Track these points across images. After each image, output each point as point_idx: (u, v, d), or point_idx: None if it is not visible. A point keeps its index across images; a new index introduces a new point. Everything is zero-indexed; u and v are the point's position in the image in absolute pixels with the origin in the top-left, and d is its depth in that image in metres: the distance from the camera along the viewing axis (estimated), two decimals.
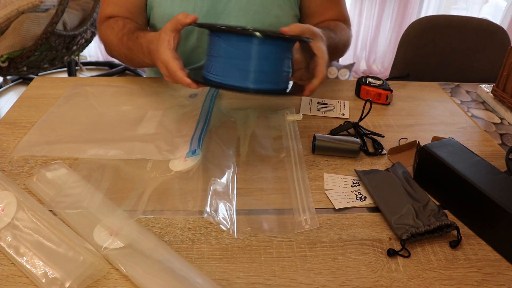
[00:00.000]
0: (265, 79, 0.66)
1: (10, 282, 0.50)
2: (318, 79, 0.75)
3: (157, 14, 0.94)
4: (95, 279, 0.50)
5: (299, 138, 0.79)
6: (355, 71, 2.96)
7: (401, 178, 0.68)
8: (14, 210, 0.56)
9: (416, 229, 0.57)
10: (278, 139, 0.79)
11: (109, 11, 0.95)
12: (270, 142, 0.78)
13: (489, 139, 0.85)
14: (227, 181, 0.67)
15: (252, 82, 0.65)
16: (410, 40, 1.37)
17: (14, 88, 2.58)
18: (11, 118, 0.81)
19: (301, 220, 0.61)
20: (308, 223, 0.60)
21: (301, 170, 0.71)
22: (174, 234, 0.58)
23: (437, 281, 0.53)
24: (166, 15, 0.92)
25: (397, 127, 0.87)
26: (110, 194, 0.63)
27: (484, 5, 2.85)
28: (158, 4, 0.93)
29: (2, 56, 1.70)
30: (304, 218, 0.61)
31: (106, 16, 0.95)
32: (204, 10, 0.91)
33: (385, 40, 2.89)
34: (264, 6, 0.93)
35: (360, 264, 0.55)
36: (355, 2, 2.77)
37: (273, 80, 0.68)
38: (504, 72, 0.97)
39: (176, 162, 0.70)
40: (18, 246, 0.52)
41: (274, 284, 0.52)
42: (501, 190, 0.58)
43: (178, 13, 0.73)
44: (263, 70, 0.66)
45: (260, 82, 0.66)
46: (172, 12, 0.91)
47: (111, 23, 0.92)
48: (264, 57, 0.65)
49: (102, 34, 0.95)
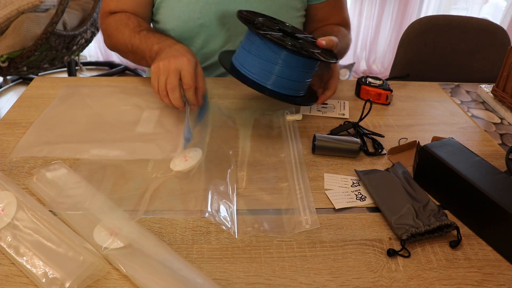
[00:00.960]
0: (284, 85, 0.73)
1: (10, 282, 0.50)
2: (330, 91, 0.83)
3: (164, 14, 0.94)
4: (95, 279, 0.50)
5: (299, 138, 0.79)
6: (355, 71, 2.96)
7: (401, 178, 0.68)
8: (14, 210, 0.56)
9: (416, 229, 0.57)
10: (278, 139, 0.79)
11: (113, 6, 0.96)
12: (270, 142, 0.78)
13: (489, 139, 0.85)
14: (227, 181, 0.67)
15: (271, 84, 0.73)
16: (410, 40, 1.37)
17: (14, 88, 2.58)
18: (11, 118, 0.81)
19: (301, 220, 0.61)
20: (309, 223, 0.60)
21: (301, 170, 0.71)
22: (174, 234, 0.58)
23: (437, 281, 0.53)
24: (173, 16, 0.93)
25: (397, 127, 0.87)
26: (111, 195, 0.63)
27: (484, 5, 2.84)
28: (166, 5, 0.93)
29: (2, 56, 1.70)
30: (304, 218, 0.61)
31: (110, 11, 0.96)
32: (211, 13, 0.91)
33: (385, 40, 2.89)
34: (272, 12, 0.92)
35: (360, 264, 0.55)
36: (355, 2, 2.77)
37: (291, 88, 0.75)
38: (504, 72, 0.97)
39: (177, 161, 0.70)
40: (18, 246, 0.52)
41: (274, 284, 0.52)
42: (501, 190, 0.58)
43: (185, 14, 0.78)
44: (285, 77, 0.73)
45: (278, 87, 0.73)
46: (180, 14, 0.92)
47: (123, 18, 0.92)
48: (290, 66, 0.72)
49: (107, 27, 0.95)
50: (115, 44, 0.95)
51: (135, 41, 0.88)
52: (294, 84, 0.74)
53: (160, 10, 0.95)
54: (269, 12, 0.93)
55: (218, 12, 0.91)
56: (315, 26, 1.05)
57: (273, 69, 0.72)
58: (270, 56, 0.71)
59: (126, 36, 0.89)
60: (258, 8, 0.92)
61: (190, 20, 0.92)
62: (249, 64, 0.73)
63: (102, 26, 0.99)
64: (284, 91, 0.74)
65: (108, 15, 0.96)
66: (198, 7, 0.91)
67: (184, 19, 0.92)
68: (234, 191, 0.65)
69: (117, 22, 0.93)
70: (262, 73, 0.72)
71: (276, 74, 0.72)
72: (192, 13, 0.91)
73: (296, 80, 0.74)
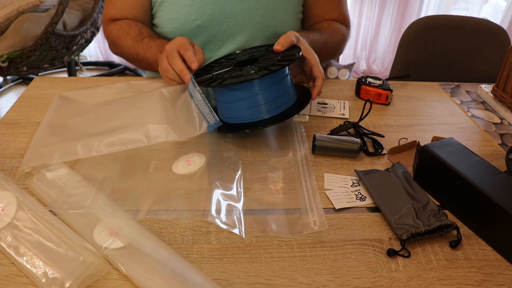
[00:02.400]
0: (275, 105, 0.73)
1: (10, 282, 0.50)
2: (319, 79, 0.79)
3: (162, 17, 0.96)
4: (95, 279, 0.50)
5: (306, 140, 0.78)
6: (355, 71, 2.96)
7: (401, 178, 0.68)
8: (14, 210, 0.56)
9: (416, 229, 0.57)
10: (285, 140, 0.79)
11: (114, 13, 0.98)
12: (276, 143, 0.78)
13: (489, 139, 0.85)
14: (233, 182, 0.67)
15: (266, 113, 0.73)
16: (410, 40, 1.37)
17: (14, 88, 2.58)
18: (11, 118, 0.81)
19: (309, 221, 0.61)
20: (317, 224, 0.60)
21: (308, 171, 0.71)
22: (174, 234, 0.58)
23: (437, 281, 0.53)
24: (171, 18, 0.94)
25: (397, 127, 0.87)
26: (112, 194, 0.63)
27: (484, 5, 2.84)
28: (163, 8, 0.94)
29: (2, 56, 1.70)
30: (313, 219, 0.61)
31: (112, 18, 0.98)
32: (208, 13, 0.91)
33: (385, 40, 2.89)
34: (270, 10, 0.93)
35: (360, 264, 0.55)
36: (355, 2, 2.77)
37: (281, 104, 0.74)
38: (504, 72, 0.97)
39: (179, 165, 0.69)
40: (18, 246, 0.52)
41: (274, 284, 0.52)
42: (501, 190, 0.58)
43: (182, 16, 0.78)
44: (271, 99, 0.72)
45: (272, 110, 0.73)
46: (177, 17, 0.92)
47: (124, 27, 0.94)
48: (267, 88, 0.72)
49: (110, 35, 0.98)
50: (120, 53, 0.98)
51: (139, 51, 0.91)
52: (281, 99, 0.74)
53: (158, 13, 0.96)
54: (268, 11, 0.93)
55: (214, 13, 0.91)
56: (312, 22, 1.04)
57: (257, 101, 0.72)
58: (245, 94, 0.72)
59: (130, 46, 0.93)
60: (255, 6, 0.92)
61: (187, 22, 0.92)
62: (234, 112, 0.74)
63: (105, 34, 1.01)
64: (279, 110, 0.74)
65: (110, 23, 0.98)
66: (195, 8, 0.91)
67: (181, 21, 0.92)
68: (241, 192, 0.65)
69: (119, 31, 0.95)
70: (252, 111, 0.73)
71: (261, 103, 0.72)
72: (189, 15, 0.91)
73: (280, 95, 0.73)
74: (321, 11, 1.02)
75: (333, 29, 0.99)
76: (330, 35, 0.97)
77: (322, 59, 0.92)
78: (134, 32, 0.92)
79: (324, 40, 0.95)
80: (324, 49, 0.94)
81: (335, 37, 0.99)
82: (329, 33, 0.97)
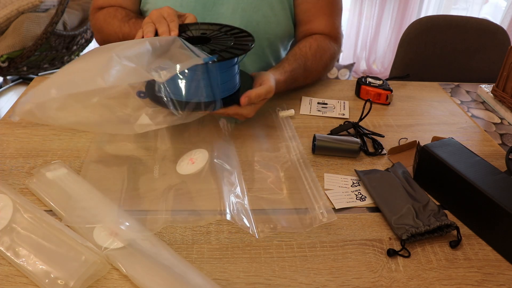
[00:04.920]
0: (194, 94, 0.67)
1: (10, 282, 0.50)
2: (263, 88, 0.74)
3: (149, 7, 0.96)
4: (97, 278, 0.50)
5: (296, 135, 0.79)
6: (355, 71, 2.96)
7: (401, 178, 0.68)
8: (10, 213, 0.56)
9: (416, 229, 0.57)
10: (275, 136, 0.79)
11: (101, 2, 0.98)
12: (268, 140, 0.78)
13: (489, 139, 0.85)
14: (236, 181, 0.67)
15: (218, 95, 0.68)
16: (410, 40, 1.37)
17: (14, 88, 2.58)
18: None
19: (317, 214, 0.61)
20: (325, 216, 0.61)
21: (305, 165, 0.71)
22: (174, 234, 0.58)
23: (437, 281, 0.53)
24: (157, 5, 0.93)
25: (397, 127, 0.87)
26: (112, 195, 0.62)
27: (484, 5, 2.84)
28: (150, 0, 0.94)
29: (2, 56, 1.70)
30: (320, 211, 0.62)
31: (99, 6, 0.98)
32: (191, 6, 0.91)
33: (385, 40, 2.89)
34: (253, 4, 0.93)
35: (360, 264, 0.55)
36: (355, 2, 2.77)
37: (227, 89, 0.71)
38: (504, 72, 0.97)
39: (183, 165, 0.68)
40: (17, 248, 0.52)
41: (274, 284, 0.52)
42: (501, 190, 0.58)
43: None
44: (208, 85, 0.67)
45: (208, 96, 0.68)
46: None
47: (111, 11, 0.93)
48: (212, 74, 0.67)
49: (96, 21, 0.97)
50: (105, 36, 0.95)
51: (125, 30, 0.89)
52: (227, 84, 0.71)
53: (146, 6, 0.96)
54: (251, 5, 0.92)
55: (197, 6, 0.91)
56: (301, 30, 1.00)
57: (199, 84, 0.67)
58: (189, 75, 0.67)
59: (116, 27, 0.91)
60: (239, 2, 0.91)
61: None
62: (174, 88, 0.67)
63: (91, 22, 1.00)
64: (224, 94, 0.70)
65: (97, 11, 0.98)
66: (179, 0, 0.91)
67: None
68: (245, 191, 0.65)
69: (105, 15, 0.94)
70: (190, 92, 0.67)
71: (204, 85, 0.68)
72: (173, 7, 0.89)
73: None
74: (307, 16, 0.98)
75: (321, 50, 0.95)
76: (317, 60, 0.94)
77: (307, 84, 0.97)
78: (121, 14, 0.92)
79: (309, 69, 0.93)
80: (308, 77, 0.95)
81: (322, 61, 0.95)
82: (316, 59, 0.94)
